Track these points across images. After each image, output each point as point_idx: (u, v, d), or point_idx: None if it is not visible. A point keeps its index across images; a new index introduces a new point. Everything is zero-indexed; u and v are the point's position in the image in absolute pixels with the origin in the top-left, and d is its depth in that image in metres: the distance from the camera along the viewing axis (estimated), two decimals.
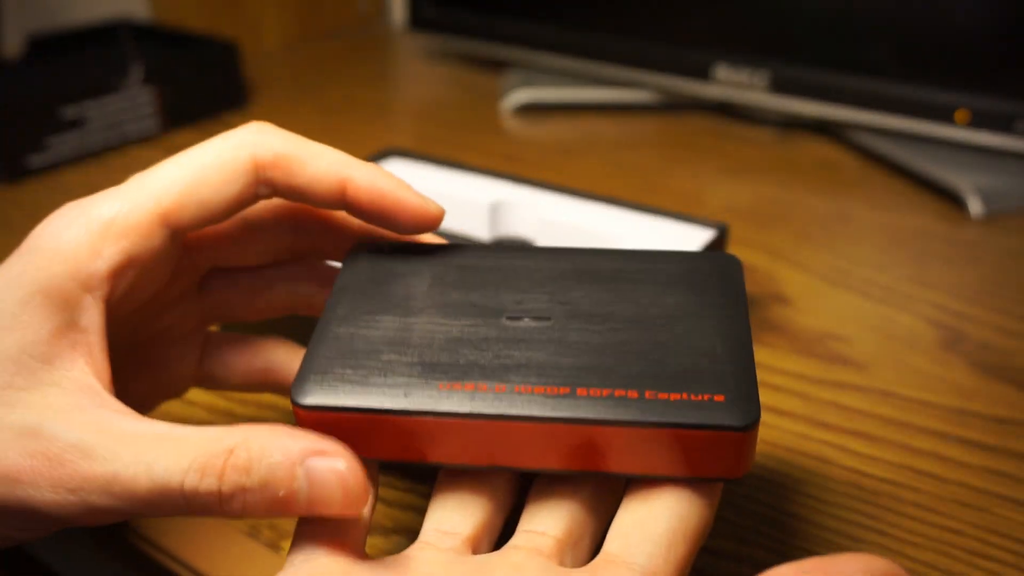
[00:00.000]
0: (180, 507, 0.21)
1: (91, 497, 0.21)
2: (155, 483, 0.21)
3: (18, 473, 0.21)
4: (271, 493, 0.21)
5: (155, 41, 0.73)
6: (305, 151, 0.25)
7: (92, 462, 0.21)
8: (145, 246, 0.24)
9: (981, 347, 0.41)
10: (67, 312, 0.23)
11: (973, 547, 0.30)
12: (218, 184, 0.25)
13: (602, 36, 0.68)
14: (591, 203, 0.43)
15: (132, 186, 0.25)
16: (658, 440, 0.22)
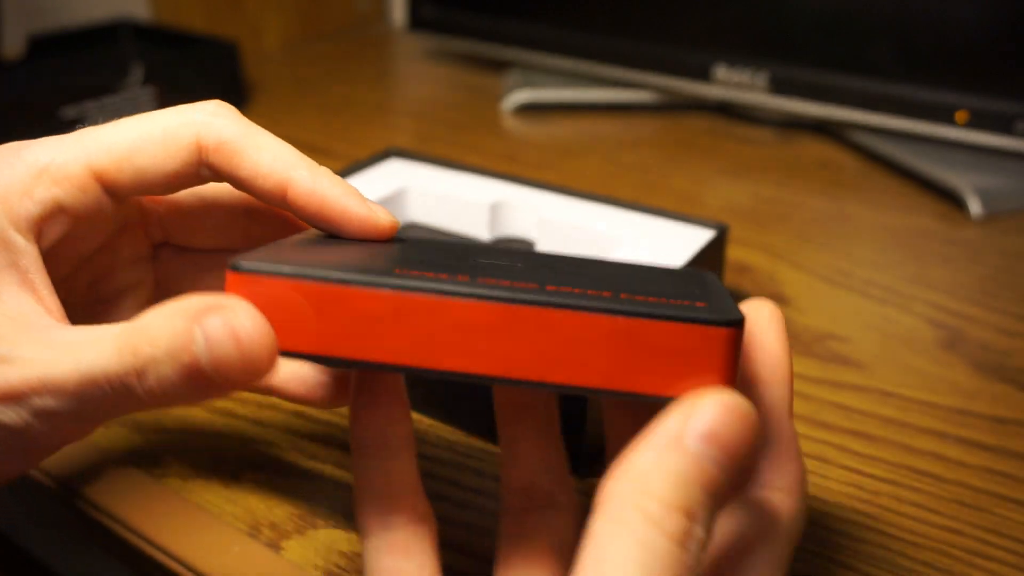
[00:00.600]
0: (108, 396, 0.21)
1: (32, 401, 0.21)
2: (82, 373, 0.21)
3: None
4: (177, 361, 0.19)
5: (155, 41, 0.73)
6: (250, 143, 0.25)
7: (30, 368, 0.21)
8: (78, 197, 0.24)
9: (981, 347, 0.41)
10: (5, 251, 0.23)
11: (973, 547, 0.30)
12: (157, 156, 0.24)
13: (602, 37, 0.68)
14: (591, 203, 0.43)
15: (72, 138, 0.25)
16: (634, 336, 0.19)
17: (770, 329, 0.23)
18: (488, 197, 0.43)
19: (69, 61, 0.70)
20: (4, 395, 0.22)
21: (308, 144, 0.63)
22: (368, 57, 0.86)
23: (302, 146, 0.26)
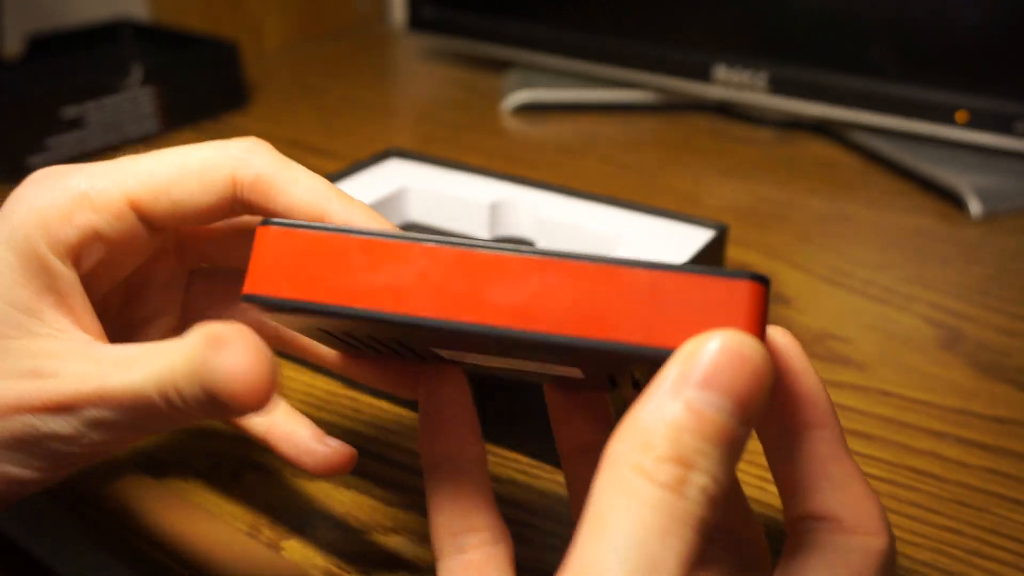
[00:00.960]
0: (160, 411, 0.21)
1: (89, 413, 0.22)
2: (135, 388, 0.21)
3: (17, 405, 0.23)
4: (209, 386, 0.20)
5: (155, 41, 0.73)
6: (284, 177, 0.25)
7: (85, 382, 0.22)
8: (115, 225, 0.25)
9: (980, 347, 0.41)
10: (44, 274, 0.24)
11: (972, 547, 0.30)
12: (193, 190, 0.25)
13: (602, 37, 0.68)
14: (591, 203, 0.43)
15: (111, 167, 0.25)
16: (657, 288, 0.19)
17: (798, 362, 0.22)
18: (488, 197, 0.43)
19: (69, 61, 0.70)
20: (58, 405, 0.22)
21: (308, 144, 0.63)
22: (368, 57, 0.86)
23: (302, 146, 0.26)
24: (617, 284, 0.19)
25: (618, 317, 0.19)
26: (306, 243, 0.20)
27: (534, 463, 0.33)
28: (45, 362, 0.23)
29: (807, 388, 0.21)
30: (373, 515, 0.31)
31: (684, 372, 0.18)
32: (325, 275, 0.20)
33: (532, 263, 0.19)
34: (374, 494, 0.32)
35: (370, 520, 0.31)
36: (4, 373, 0.23)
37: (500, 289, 0.19)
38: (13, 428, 0.23)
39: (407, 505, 0.32)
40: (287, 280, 0.20)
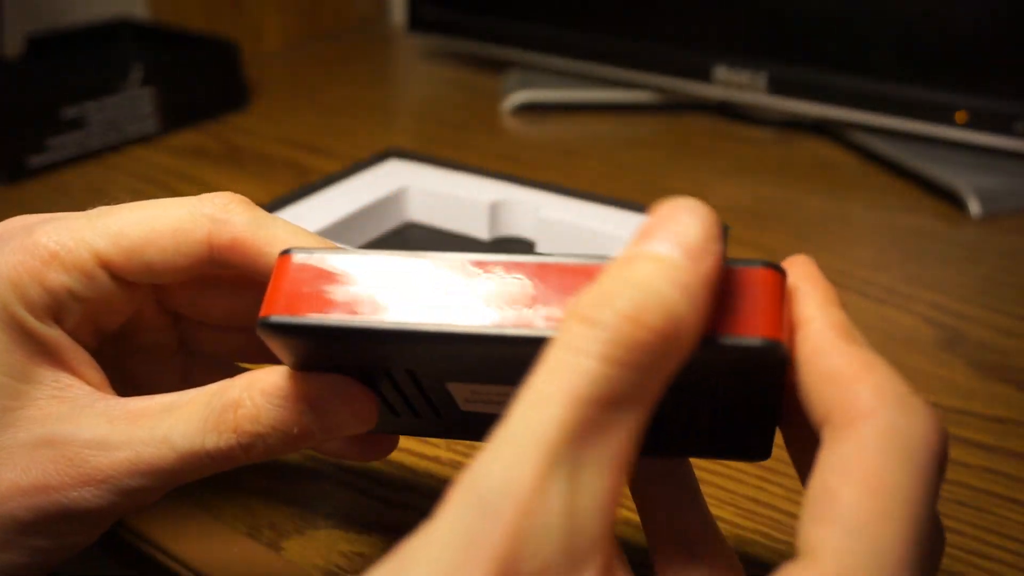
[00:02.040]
0: (208, 467, 0.22)
1: (122, 483, 0.22)
2: (179, 453, 0.22)
3: (46, 483, 0.22)
4: (285, 433, 0.22)
5: (155, 41, 0.73)
6: (263, 236, 0.24)
7: (112, 451, 0.22)
8: (88, 285, 0.24)
9: (980, 347, 0.41)
10: (30, 338, 0.24)
11: (972, 547, 0.30)
12: (167, 251, 0.24)
13: (602, 37, 0.68)
14: (591, 203, 0.43)
15: (82, 223, 0.24)
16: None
17: (803, 269, 0.20)
18: (488, 197, 0.43)
19: (69, 61, 0.70)
20: (90, 480, 0.22)
21: (308, 144, 0.63)
22: (368, 57, 0.86)
23: (302, 146, 0.26)
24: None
25: None
26: (322, 269, 0.20)
27: None
28: (56, 427, 0.23)
29: (799, 289, 0.20)
30: (373, 515, 0.31)
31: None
32: (339, 296, 0.20)
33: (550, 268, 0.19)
34: (374, 494, 0.32)
35: (370, 520, 0.31)
36: (20, 450, 0.23)
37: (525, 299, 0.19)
38: (43, 507, 0.22)
39: (407, 505, 0.32)
40: (304, 302, 0.20)
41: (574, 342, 0.16)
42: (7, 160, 0.57)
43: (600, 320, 0.16)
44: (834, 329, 0.19)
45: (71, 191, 0.57)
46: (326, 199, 0.43)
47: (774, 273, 0.19)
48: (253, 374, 0.22)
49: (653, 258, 0.17)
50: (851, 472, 0.16)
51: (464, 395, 0.23)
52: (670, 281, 0.16)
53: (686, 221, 0.17)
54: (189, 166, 0.60)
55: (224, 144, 0.64)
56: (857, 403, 0.17)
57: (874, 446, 0.16)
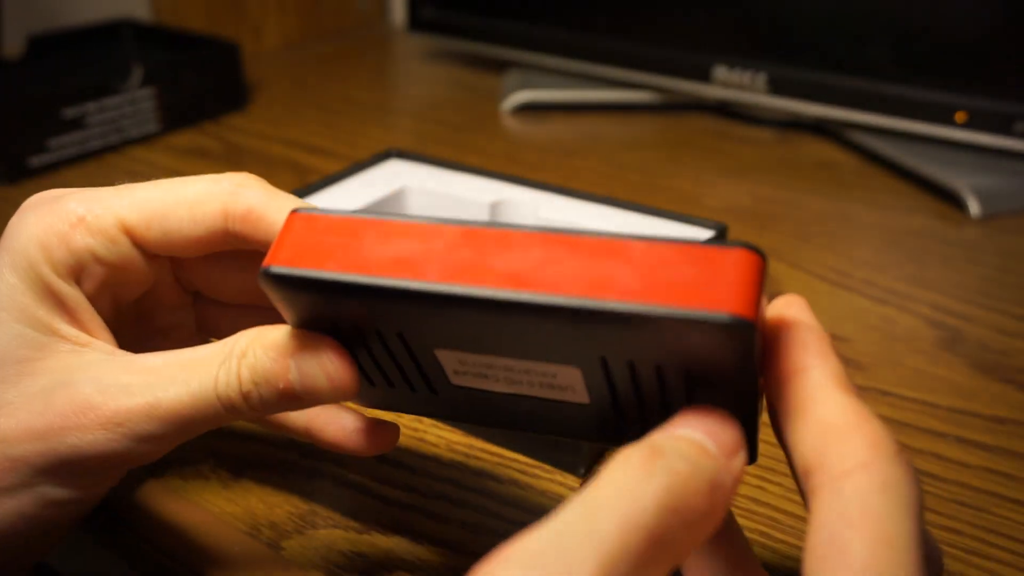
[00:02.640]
0: (217, 415, 0.23)
1: (139, 426, 0.23)
2: (195, 398, 0.23)
3: (62, 424, 0.23)
4: (274, 386, 0.23)
5: (156, 42, 0.73)
6: (275, 206, 0.25)
7: (132, 395, 0.23)
8: (111, 249, 0.26)
9: (980, 347, 0.41)
10: (52, 294, 0.25)
11: (972, 547, 0.30)
12: (183, 220, 0.26)
13: (602, 38, 0.68)
14: (591, 203, 0.43)
15: (108, 193, 0.26)
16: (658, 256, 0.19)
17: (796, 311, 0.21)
18: (488, 197, 0.43)
19: (69, 61, 0.70)
20: (106, 423, 0.23)
21: (308, 144, 0.63)
22: (368, 58, 0.86)
23: (302, 147, 0.26)
24: (618, 254, 0.19)
25: (612, 282, 0.19)
26: (326, 225, 0.21)
27: (534, 463, 0.33)
28: (75, 374, 0.24)
29: (796, 335, 0.20)
30: (373, 515, 0.31)
31: (666, 425, 0.19)
32: (340, 251, 0.21)
33: (534, 237, 0.20)
34: (374, 494, 0.32)
35: (370, 520, 0.31)
36: (37, 395, 0.24)
37: (503, 260, 0.20)
38: (57, 450, 0.23)
39: (407, 505, 0.32)
40: (305, 256, 0.21)
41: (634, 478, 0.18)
42: (8, 160, 0.57)
43: (655, 472, 0.18)
44: (832, 379, 0.19)
45: None
46: (326, 199, 0.43)
47: (753, 255, 0.19)
48: (261, 328, 0.24)
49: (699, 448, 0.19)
50: (858, 523, 0.17)
51: (453, 365, 0.23)
52: (705, 465, 0.18)
53: (726, 429, 0.19)
54: (189, 166, 0.60)
55: (224, 144, 0.64)
56: (855, 454, 0.18)
57: (876, 498, 0.17)
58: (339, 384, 0.23)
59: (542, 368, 0.22)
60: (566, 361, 0.21)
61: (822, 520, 0.18)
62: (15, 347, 0.24)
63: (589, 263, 0.19)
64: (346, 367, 0.23)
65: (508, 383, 0.23)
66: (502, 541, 0.24)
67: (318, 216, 0.22)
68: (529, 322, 0.20)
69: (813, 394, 0.19)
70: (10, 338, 0.24)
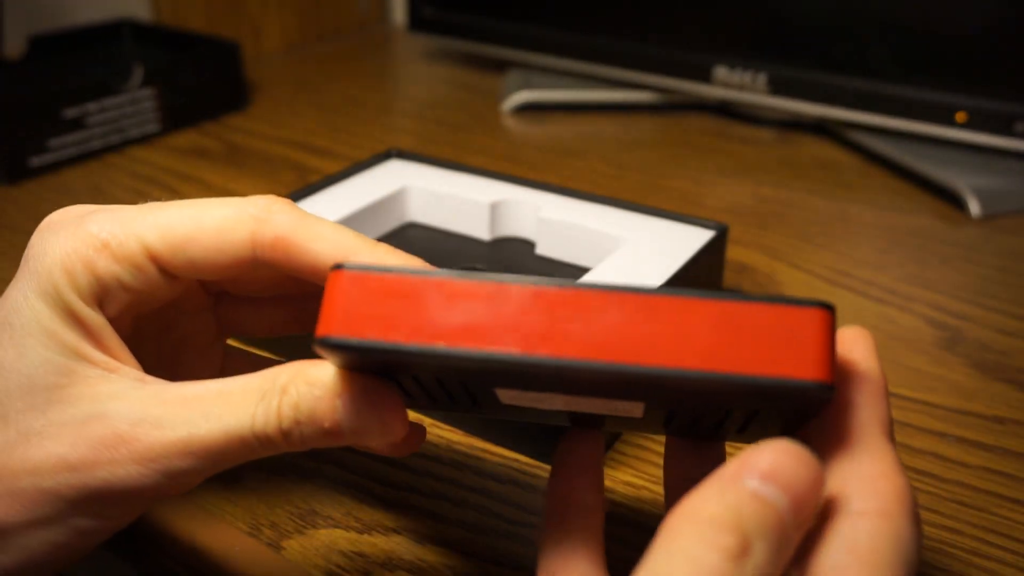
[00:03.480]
0: (252, 451, 0.23)
1: (172, 463, 0.23)
2: (229, 434, 0.23)
3: (94, 459, 0.23)
4: (319, 425, 0.22)
5: (156, 42, 0.73)
6: (305, 234, 0.25)
7: (166, 430, 0.23)
8: (136, 276, 0.25)
9: (980, 347, 0.41)
10: (77, 320, 0.24)
11: (972, 546, 0.30)
12: (209, 249, 0.25)
13: (602, 38, 0.68)
14: (591, 203, 0.43)
15: (131, 216, 0.25)
16: (731, 318, 0.19)
17: (862, 350, 0.22)
18: (488, 197, 0.43)
19: (69, 61, 0.70)
20: (140, 459, 0.23)
21: (309, 145, 0.63)
22: (369, 58, 0.86)
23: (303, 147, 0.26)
24: (691, 315, 0.19)
25: (691, 346, 0.19)
26: (379, 286, 0.20)
27: (534, 463, 0.33)
28: (107, 405, 0.23)
29: (858, 374, 0.21)
30: (373, 515, 0.31)
31: (748, 462, 0.19)
32: (400, 316, 0.20)
33: (607, 297, 0.20)
34: (374, 494, 0.32)
35: (370, 520, 0.31)
36: (68, 425, 0.23)
37: (578, 325, 0.19)
38: (88, 484, 0.23)
39: (407, 505, 0.32)
40: (360, 322, 0.20)
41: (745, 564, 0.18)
42: (8, 160, 0.57)
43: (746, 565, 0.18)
44: (880, 425, 0.21)
45: (72, 191, 0.57)
46: (327, 199, 0.43)
47: (824, 313, 0.19)
48: (302, 364, 0.23)
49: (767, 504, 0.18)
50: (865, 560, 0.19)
51: (508, 396, 0.23)
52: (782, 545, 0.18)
53: (802, 475, 0.19)
54: (190, 166, 0.60)
55: (225, 144, 0.64)
56: (880, 500, 0.20)
57: (888, 545, 0.19)
58: (392, 428, 0.23)
59: (601, 404, 0.22)
60: (634, 399, 0.22)
61: (832, 545, 0.19)
62: (44, 373, 0.23)
63: (665, 326, 0.19)
64: (400, 411, 0.23)
65: (565, 406, 0.23)
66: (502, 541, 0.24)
67: (370, 275, 0.20)
68: (612, 382, 0.20)
69: (859, 431, 0.21)
70: (38, 364, 0.23)
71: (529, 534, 0.30)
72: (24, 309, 0.24)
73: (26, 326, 0.24)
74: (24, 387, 0.23)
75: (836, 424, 0.21)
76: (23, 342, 0.24)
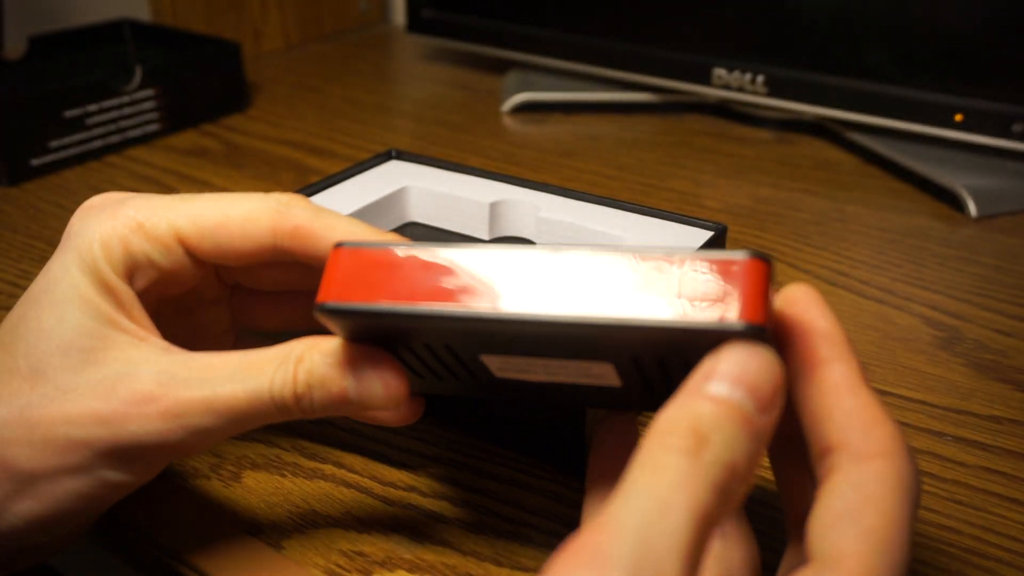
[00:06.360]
0: (269, 413, 0.25)
1: (195, 419, 0.25)
2: (251, 394, 0.25)
3: (124, 413, 0.25)
4: (328, 390, 0.25)
5: (157, 42, 0.73)
6: (321, 224, 0.27)
7: (192, 388, 0.25)
8: (165, 256, 0.28)
9: (978, 347, 0.41)
10: (111, 291, 0.27)
11: (969, 545, 0.30)
12: (234, 236, 0.28)
13: (602, 40, 0.68)
14: (590, 204, 0.43)
15: (165, 203, 0.28)
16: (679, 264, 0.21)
17: (815, 308, 0.23)
18: (488, 197, 0.43)
19: (70, 62, 0.70)
20: (165, 415, 0.25)
21: (309, 145, 0.63)
22: (368, 58, 0.86)
23: (303, 147, 0.27)
24: (632, 268, 0.21)
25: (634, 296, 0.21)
26: (368, 259, 0.23)
27: (534, 463, 0.34)
28: (137, 366, 0.25)
29: (822, 328, 0.22)
30: (373, 515, 0.31)
31: (702, 371, 0.20)
32: (388, 283, 0.23)
33: (552, 259, 0.22)
34: (374, 494, 0.32)
35: (370, 520, 0.31)
36: (101, 383, 0.25)
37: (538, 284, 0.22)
38: (118, 436, 0.25)
39: (407, 505, 0.32)
40: (354, 289, 0.23)
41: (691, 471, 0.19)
42: (9, 161, 0.57)
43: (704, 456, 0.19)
44: (858, 375, 0.22)
45: (73, 192, 0.57)
46: (327, 199, 0.43)
47: (761, 263, 0.21)
48: (315, 337, 0.25)
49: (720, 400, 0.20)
50: (875, 499, 0.20)
51: (497, 365, 0.25)
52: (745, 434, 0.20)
53: (754, 365, 0.20)
54: (190, 167, 0.61)
55: (225, 145, 0.64)
56: (879, 443, 0.21)
57: (892, 484, 0.20)
58: (393, 393, 0.25)
59: (577, 364, 0.24)
60: (600, 359, 0.23)
61: (842, 490, 0.20)
62: (80, 337, 0.26)
63: (618, 280, 0.21)
64: (400, 378, 0.25)
65: (547, 374, 0.25)
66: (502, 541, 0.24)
67: (361, 251, 0.23)
68: (570, 335, 0.22)
69: (840, 385, 0.22)
70: (76, 328, 0.26)
71: (530, 534, 0.30)
72: (64, 279, 0.26)
73: (65, 293, 0.26)
74: (63, 349, 0.26)
75: (814, 383, 0.22)
76: (63, 308, 0.26)
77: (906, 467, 0.21)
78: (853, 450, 0.21)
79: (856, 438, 0.21)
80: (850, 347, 0.22)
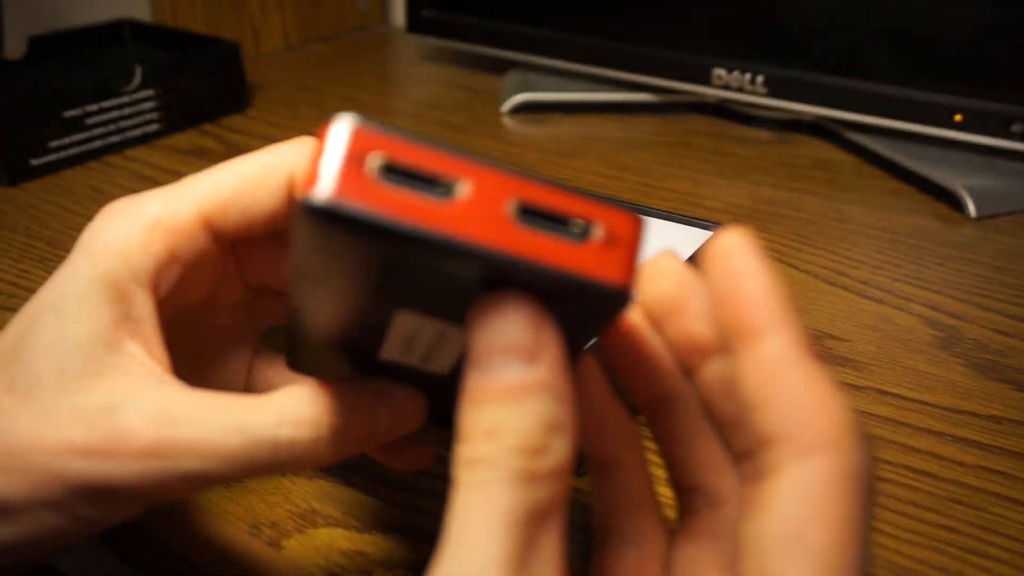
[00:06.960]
0: (270, 462, 0.23)
1: (179, 462, 0.22)
2: (248, 439, 0.22)
3: (103, 450, 0.23)
4: (357, 432, 0.23)
5: (157, 43, 0.73)
6: None
7: (177, 427, 0.23)
8: (189, 246, 0.25)
9: (977, 347, 0.41)
10: (123, 304, 0.25)
11: (969, 545, 0.30)
12: (257, 194, 0.26)
13: (602, 40, 0.68)
14: None
15: (179, 188, 0.26)
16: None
17: (744, 262, 0.19)
18: None
19: (70, 62, 0.70)
20: (146, 454, 0.22)
21: None
22: (368, 59, 0.86)
23: None
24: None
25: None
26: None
27: None
28: (125, 397, 0.23)
29: (749, 292, 0.18)
30: (373, 515, 0.31)
31: (468, 363, 0.19)
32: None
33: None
34: (374, 494, 0.32)
35: (370, 520, 0.31)
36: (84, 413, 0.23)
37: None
38: (93, 474, 0.23)
39: (407, 505, 0.32)
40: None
41: (483, 477, 0.18)
42: (9, 161, 0.57)
43: (497, 459, 0.18)
44: (798, 347, 0.18)
45: (73, 192, 0.57)
46: None
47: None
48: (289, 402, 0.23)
49: (506, 391, 0.18)
50: (821, 515, 0.17)
51: (395, 336, 0.22)
52: (535, 408, 0.18)
53: (509, 329, 0.18)
54: (190, 167, 0.61)
55: (225, 145, 0.64)
56: (824, 434, 0.18)
57: (840, 486, 0.17)
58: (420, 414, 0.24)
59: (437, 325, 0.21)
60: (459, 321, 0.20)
61: (783, 502, 0.17)
62: (76, 361, 0.24)
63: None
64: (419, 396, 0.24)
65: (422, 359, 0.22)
66: None
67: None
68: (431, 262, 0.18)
69: (777, 363, 0.18)
70: (73, 351, 0.24)
71: None
72: (71, 295, 0.24)
73: (70, 312, 0.24)
74: (57, 370, 0.24)
75: (746, 361, 0.18)
76: (64, 327, 0.24)
77: (856, 460, 0.18)
78: (794, 445, 0.18)
79: (797, 430, 0.18)
80: (789, 310, 0.18)
